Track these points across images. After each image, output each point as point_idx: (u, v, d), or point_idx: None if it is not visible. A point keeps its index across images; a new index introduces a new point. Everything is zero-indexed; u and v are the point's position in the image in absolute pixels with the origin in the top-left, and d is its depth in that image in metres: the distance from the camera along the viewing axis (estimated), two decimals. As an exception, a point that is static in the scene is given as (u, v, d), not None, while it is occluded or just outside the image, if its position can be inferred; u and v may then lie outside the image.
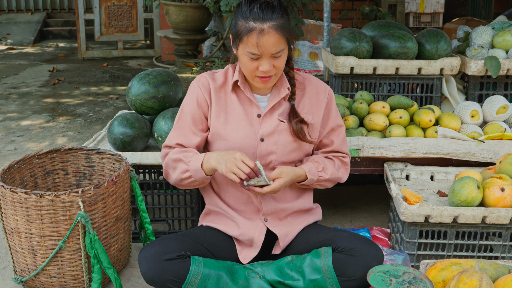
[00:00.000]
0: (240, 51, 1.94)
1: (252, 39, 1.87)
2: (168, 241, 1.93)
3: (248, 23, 1.88)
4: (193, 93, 2.07)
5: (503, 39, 2.82)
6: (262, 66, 1.92)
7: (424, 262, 1.95)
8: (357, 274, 1.88)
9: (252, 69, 1.94)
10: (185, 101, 2.09)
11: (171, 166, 2.05)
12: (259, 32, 1.87)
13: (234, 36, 1.95)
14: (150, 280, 1.87)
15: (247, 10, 1.89)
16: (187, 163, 1.99)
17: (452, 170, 2.55)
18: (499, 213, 2.11)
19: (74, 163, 2.50)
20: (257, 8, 1.88)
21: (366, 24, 3.13)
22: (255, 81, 1.98)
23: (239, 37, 1.91)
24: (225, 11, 4.33)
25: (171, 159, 2.04)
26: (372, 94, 2.83)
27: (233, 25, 1.96)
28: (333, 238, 1.97)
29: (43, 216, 2.04)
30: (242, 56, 1.94)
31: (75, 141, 4.13)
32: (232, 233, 2.06)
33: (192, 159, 1.99)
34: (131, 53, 7.79)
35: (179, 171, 2.02)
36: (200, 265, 1.89)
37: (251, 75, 1.96)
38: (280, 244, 2.06)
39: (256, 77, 1.96)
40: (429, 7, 7.57)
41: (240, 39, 1.91)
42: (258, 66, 1.92)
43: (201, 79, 2.07)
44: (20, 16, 9.72)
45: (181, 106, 2.09)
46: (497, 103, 2.68)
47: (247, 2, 1.91)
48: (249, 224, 2.05)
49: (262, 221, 2.06)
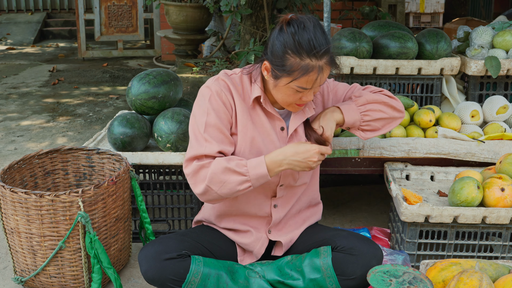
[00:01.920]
0: (283, 83, 1.82)
1: (310, 77, 1.79)
2: (169, 240, 1.92)
3: (303, 61, 1.77)
4: (216, 97, 1.91)
5: (503, 39, 2.82)
6: (306, 97, 1.85)
7: (424, 262, 1.95)
8: (356, 273, 1.88)
9: (294, 100, 1.86)
10: (210, 105, 1.90)
11: (217, 180, 1.82)
12: (319, 71, 1.78)
13: (278, 67, 1.81)
14: (150, 279, 1.87)
15: (301, 44, 1.77)
16: (244, 174, 1.82)
17: (452, 170, 2.55)
18: (499, 213, 2.11)
19: (74, 163, 2.50)
20: (313, 42, 1.76)
21: (366, 24, 3.13)
22: (290, 107, 1.91)
23: (289, 72, 1.79)
24: (225, 11, 4.32)
25: (214, 173, 1.82)
26: (372, 94, 2.83)
27: (276, 53, 1.81)
28: (332, 238, 1.98)
29: (43, 216, 2.04)
30: (286, 88, 1.83)
31: (75, 141, 4.13)
32: (235, 239, 2.06)
33: (249, 168, 1.83)
34: (131, 53, 7.79)
35: (233, 184, 1.83)
36: (200, 265, 1.89)
37: (287, 103, 1.89)
38: (283, 249, 2.07)
39: (292, 104, 1.89)
40: (429, 7, 7.57)
41: (290, 74, 1.80)
42: (301, 97, 1.85)
43: (221, 83, 1.93)
44: (20, 16, 9.72)
45: (205, 110, 1.89)
46: (497, 103, 2.68)
47: (297, 31, 1.78)
48: (252, 236, 2.04)
49: (266, 233, 2.06)
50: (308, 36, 1.77)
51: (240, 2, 4.26)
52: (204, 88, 1.94)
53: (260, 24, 4.55)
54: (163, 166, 2.53)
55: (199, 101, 1.93)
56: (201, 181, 1.84)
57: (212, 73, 4.94)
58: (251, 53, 4.19)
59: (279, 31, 1.82)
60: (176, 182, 2.57)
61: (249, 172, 1.83)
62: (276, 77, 1.83)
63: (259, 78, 1.94)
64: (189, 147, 1.90)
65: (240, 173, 1.82)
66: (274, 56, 1.82)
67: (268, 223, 2.06)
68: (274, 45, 1.82)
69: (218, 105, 1.90)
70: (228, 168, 1.82)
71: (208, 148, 1.85)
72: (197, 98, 1.95)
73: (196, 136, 1.89)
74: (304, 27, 1.78)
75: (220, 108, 1.90)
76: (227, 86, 1.93)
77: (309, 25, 1.79)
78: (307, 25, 1.78)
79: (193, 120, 1.92)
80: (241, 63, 4.23)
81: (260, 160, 1.85)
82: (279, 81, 1.83)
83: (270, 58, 1.84)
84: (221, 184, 1.82)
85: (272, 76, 1.85)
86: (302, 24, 1.79)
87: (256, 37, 4.53)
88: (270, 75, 1.86)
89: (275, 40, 1.82)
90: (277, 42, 1.81)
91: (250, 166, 1.83)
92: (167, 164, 2.49)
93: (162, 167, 2.54)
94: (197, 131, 1.89)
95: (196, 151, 1.86)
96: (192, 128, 1.91)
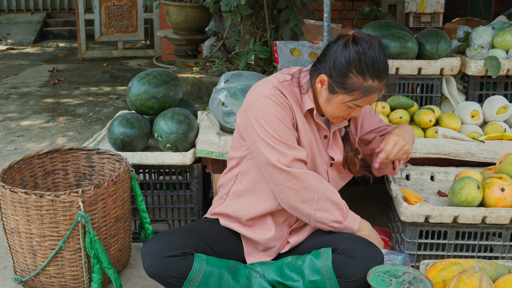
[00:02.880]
0: (339, 99, 1.87)
1: (369, 98, 1.84)
2: (173, 237, 1.92)
3: (366, 82, 1.81)
4: (280, 106, 1.90)
5: (503, 39, 2.82)
6: (355, 113, 1.91)
7: (424, 262, 1.95)
8: (356, 275, 1.88)
9: (344, 114, 1.92)
10: (277, 113, 1.89)
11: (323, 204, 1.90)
12: (379, 91, 1.83)
13: (338, 83, 1.83)
14: (153, 274, 1.88)
15: (367, 64, 1.79)
16: (344, 217, 1.94)
17: (452, 170, 2.55)
18: (499, 213, 2.11)
19: (74, 163, 2.50)
20: (378, 64, 1.80)
21: (366, 24, 3.13)
22: (336, 119, 1.96)
23: (349, 91, 1.83)
24: (225, 11, 4.32)
25: (327, 196, 1.90)
26: (372, 94, 2.83)
27: (338, 69, 1.82)
28: (333, 239, 1.97)
29: (43, 216, 2.04)
30: (340, 104, 1.88)
31: (75, 141, 4.13)
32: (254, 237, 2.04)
33: (349, 215, 1.96)
34: (131, 53, 7.79)
35: (329, 216, 1.91)
36: (203, 263, 1.89)
37: (334, 116, 1.94)
38: (289, 247, 2.07)
39: (339, 117, 1.95)
40: (429, 7, 7.57)
41: (350, 93, 1.83)
42: (351, 113, 1.91)
43: (277, 92, 1.91)
44: (20, 16, 9.72)
45: (275, 117, 1.89)
46: (497, 103, 2.68)
47: (365, 51, 1.80)
48: (276, 233, 2.05)
49: (287, 234, 2.07)
50: (374, 58, 1.79)
51: (240, 2, 4.26)
52: (262, 98, 1.91)
53: (260, 24, 4.55)
54: (163, 166, 2.53)
55: (263, 112, 1.90)
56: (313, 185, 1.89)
57: (212, 73, 4.94)
58: (251, 53, 4.19)
59: (344, 47, 1.82)
60: (176, 182, 2.57)
61: (347, 218, 1.95)
62: (332, 92, 1.86)
63: (310, 89, 1.96)
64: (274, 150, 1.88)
65: (343, 214, 1.94)
66: (335, 71, 1.84)
67: (289, 225, 2.08)
68: (337, 60, 1.83)
69: (284, 113, 1.90)
70: (339, 203, 1.93)
71: (299, 152, 1.90)
72: (258, 109, 1.91)
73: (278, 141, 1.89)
74: (370, 47, 1.80)
75: (286, 115, 1.91)
76: (282, 93, 1.93)
77: (375, 45, 1.81)
78: (373, 45, 1.81)
79: (264, 131, 1.89)
80: (241, 63, 4.23)
81: (357, 216, 1.99)
82: (335, 96, 1.87)
83: (330, 72, 1.85)
84: (323, 208, 1.91)
85: (328, 91, 1.88)
86: (369, 44, 1.81)
87: (256, 37, 4.52)
88: (326, 89, 1.89)
89: (338, 56, 1.83)
90: (341, 58, 1.82)
91: (350, 215, 1.97)
92: (167, 164, 2.49)
93: (162, 167, 2.54)
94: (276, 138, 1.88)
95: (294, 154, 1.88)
96: (268, 136, 1.89)
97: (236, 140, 2.07)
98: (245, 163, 2.03)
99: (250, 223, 2.04)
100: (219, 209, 2.10)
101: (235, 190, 2.06)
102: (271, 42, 4.42)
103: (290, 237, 2.07)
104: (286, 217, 2.04)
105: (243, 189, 2.03)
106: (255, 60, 4.43)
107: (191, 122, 2.53)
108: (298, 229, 2.09)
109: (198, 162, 2.56)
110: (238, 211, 2.04)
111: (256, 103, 1.92)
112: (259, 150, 1.92)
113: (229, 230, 2.08)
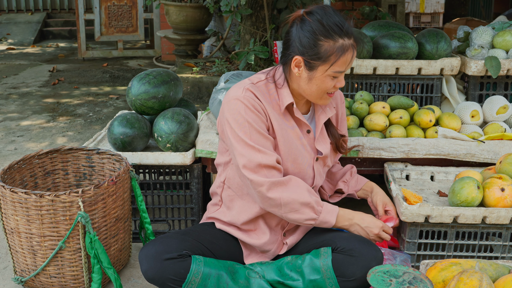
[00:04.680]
0: (320, 72, 1.86)
1: (346, 57, 1.83)
2: (169, 240, 1.92)
3: (337, 42, 1.81)
4: (250, 109, 1.89)
5: (503, 39, 2.82)
6: (340, 82, 1.90)
7: (424, 262, 1.95)
8: (356, 274, 1.88)
9: (329, 88, 1.90)
10: (247, 116, 1.89)
11: (292, 207, 1.89)
12: (353, 48, 1.83)
13: (312, 56, 1.83)
14: (151, 278, 1.87)
15: (331, 26, 1.80)
16: (317, 213, 1.92)
17: (452, 170, 2.55)
18: (499, 213, 2.11)
19: (74, 163, 2.50)
20: (340, 23, 1.81)
21: (366, 24, 3.13)
22: (323, 99, 1.94)
23: (324, 58, 1.82)
24: (225, 11, 4.33)
25: (294, 199, 1.88)
26: (372, 94, 2.83)
27: (307, 44, 1.83)
28: (332, 239, 1.97)
29: (43, 216, 2.04)
30: (323, 77, 1.86)
31: (75, 141, 4.13)
32: (251, 242, 2.05)
33: (323, 211, 1.93)
34: (131, 53, 7.79)
35: (303, 216, 1.91)
36: (201, 264, 1.89)
37: (321, 95, 1.92)
38: (287, 248, 2.08)
39: (325, 95, 1.93)
40: (429, 7, 7.57)
41: (326, 60, 1.82)
42: (335, 84, 1.89)
43: (249, 94, 1.91)
44: (20, 16, 9.72)
45: (245, 121, 1.89)
46: (497, 103, 2.68)
47: (323, 17, 1.81)
48: (270, 237, 2.05)
49: (281, 236, 2.08)
50: (334, 19, 1.81)
51: (240, 2, 4.26)
52: (234, 101, 1.91)
53: (260, 24, 4.55)
54: (163, 166, 2.53)
55: (234, 115, 1.90)
56: (276, 194, 1.88)
57: (212, 73, 4.95)
58: (251, 53, 4.19)
59: (301, 24, 1.84)
60: (176, 182, 2.57)
61: (321, 213, 1.92)
62: (311, 68, 1.86)
63: (286, 83, 1.96)
64: (242, 155, 1.88)
65: (315, 211, 1.91)
66: (305, 47, 1.84)
67: (282, 227, 2.09)
68: (303, 37, 1.84)
69: (254, 116, 1.90)
70: (308, 202, 1.89)
71: (266, 158, 1.87)
72: (230, 112, 1.91)
73: (246, 144, 1.88)
74: (325, 12, 1.82)
75: (257, 118, 1.90)
76: (254, 96, 1.92)
77: (329, 10, 1.84)
78: (328, 10, 1.83)
79: (234, 134, 1.90)
80: (241, 63, 4.23)
81: (334, 208, 1.94)
82: (315, 71, 1.86)
83: (301, 51, 1.85)
84: (292, 210, 1.90)
85: (306, 69, 1.87)
86: (323, 10, 1.83)
87: (256, 37, 4.53)
88: (304, 68, 1.88)
89: (299, 34, 1.84)
90: (305, 33, 1.83)
91: (324, 209, 1.93)
92: (167, 164, 2.49)
93: (162, 167, 2.54)
94: (244, 142, 1.88)
95: (260, 159, 1.87)
96: (237, 139, 1.90)
97: (220, 145, 2.09)
98: (230, 168, 2.04)
99: (245, 227, 2.05)
100: (215, 215, 2.13)
101: (226, 196, 2.08)
102: (271, 42, 4.43)
103: (285, 239, 2.08)
104: (278, 221, 2.05)
105: (233, 194, 2.06)
106: (255, 60, 4.43)
107: (191, 122, 2.53)
108: (292, 230, 2.10)
109: (198, 162, 2.56)
110: (231, 216, 2.06)
111: (229, 106, 1.92)
112: (232, 153, 1.94)
113: (225, 232, 2.09)
